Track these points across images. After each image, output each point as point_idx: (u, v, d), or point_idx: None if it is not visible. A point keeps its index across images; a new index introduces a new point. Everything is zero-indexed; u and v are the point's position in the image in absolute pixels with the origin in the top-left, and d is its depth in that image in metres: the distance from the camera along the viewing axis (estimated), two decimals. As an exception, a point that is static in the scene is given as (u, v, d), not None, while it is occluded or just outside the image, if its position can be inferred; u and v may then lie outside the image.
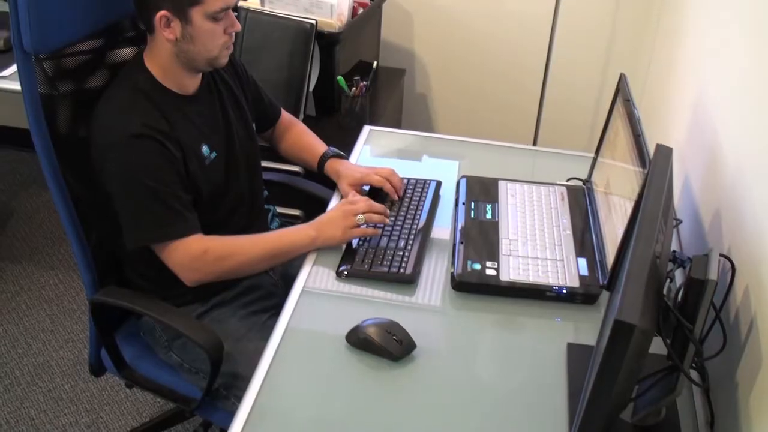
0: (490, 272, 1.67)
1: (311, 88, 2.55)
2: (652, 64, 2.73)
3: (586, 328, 1.60)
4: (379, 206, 1.80)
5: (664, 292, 1.28)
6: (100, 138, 1.68)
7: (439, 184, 2.00)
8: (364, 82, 2.56)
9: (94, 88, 1.80)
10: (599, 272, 1.67)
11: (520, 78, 3.13)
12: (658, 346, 1.24)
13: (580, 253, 1.75)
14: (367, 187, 1.97)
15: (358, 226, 1.75)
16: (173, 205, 1.66)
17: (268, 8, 2.56)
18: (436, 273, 1.73)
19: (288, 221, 2.15)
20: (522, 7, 2.98)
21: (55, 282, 3.04)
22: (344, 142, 2.21)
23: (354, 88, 2.56)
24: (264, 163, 2.08)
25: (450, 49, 3.15)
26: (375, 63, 2.79)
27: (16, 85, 2.46)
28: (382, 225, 1.80)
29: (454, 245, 1.78)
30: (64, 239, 3.24)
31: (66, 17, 1.67)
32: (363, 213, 1.75)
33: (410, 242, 1.77)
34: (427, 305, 1.64)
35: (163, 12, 1.65)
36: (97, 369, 2.02)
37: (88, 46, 1.78)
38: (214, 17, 1.67)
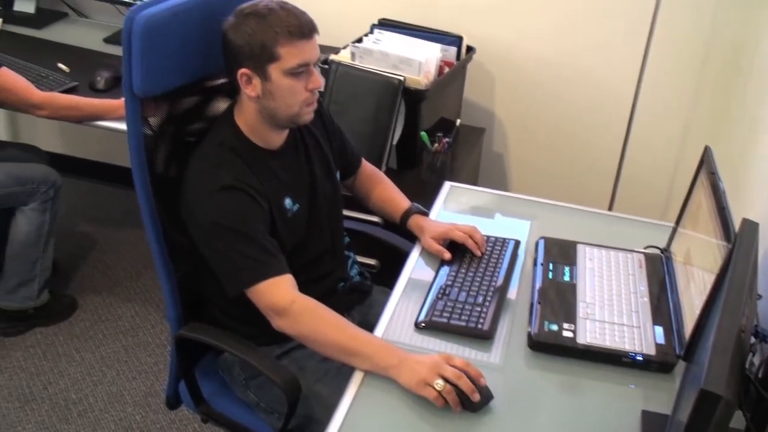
0: (566, 334, 1.69)
1: (395, 142, 2.61)
2: (732, 136, 2.74)
3: (660, 396, 1.60)
4: (470, 380, 1.54)
5: (746, 365, 1.29)
6: (192, 191, 1.76)
7: (517, 243, 2.03)
8: (447, 139, 2.62)
9: (190, 133, 1.90)
10: (676, 341, 1.68)
11: (598, 143, 3.16)
12: (737, 420, 1.25)
13: (656, 321, 1.75)
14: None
15: (436, 388, 1.53)
16: (265, 247, 1.72)
17: (358, 63, 2.64)
18: (512, 331, 1.75)
19: (364, 270, 2.20)
20: (606, 74, 3.01)
21: (131, 314, 3.13)
22: (423, 196, 2.26)
23: (436, 144, 2.61)
24: (344, 211, 2.13)
25: (530, 110, 3.19)
26: (458, 121, 2.85)
27: (116, 125, 2.61)
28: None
29: (532, 305, 1.80)
30: (142, 273, 3.35)
31: (173, 64, 1.77)
32: (450, 379, 1.53)
33: (488, 299, 1.80)
34: (502, 362, 1.66)
35: (244, 69, 1.73)
36: (173, 402, 2.08)
37: (189, 93, 1.88)
38: (293, 74, 1.73)
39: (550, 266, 1.92)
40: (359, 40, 2.78)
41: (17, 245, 2.80)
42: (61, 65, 2.92)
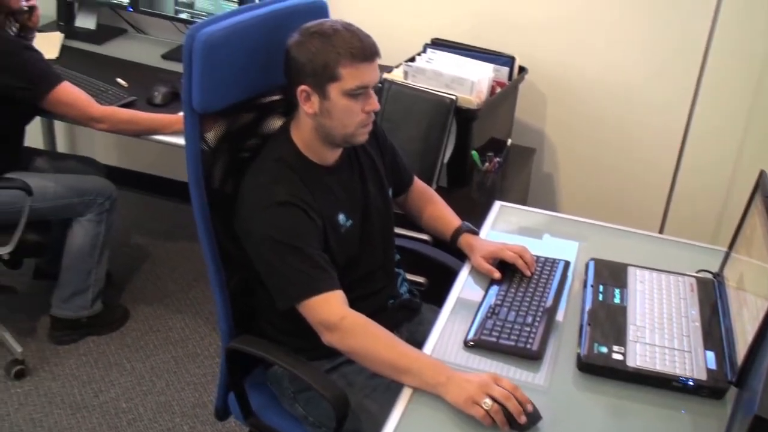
0: (616, 356, 1.68)
1: (446, 160, 2.63)
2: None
3: (710, 423, 1.59)
4: (519, 402, 1.53)
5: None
6: (247, 205, 1.80)
7: (567, 264, 2.03)
8: (498, 159, 2.63)
9: (246, 149, 1.93)
10: (727, 367, 1.66)
11: (650, 164, 3.14)
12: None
13: (707, 346, 1.74)
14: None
15: (483, 407, 1.53)
16: (318, 262, 1.75)
17: (411, 81, 2.66)
18: (561, 352, 1.75)
19: (413, 287, 2.21)
20: (659, 95, 3.00)
21: (182, 326, 3.17)
22: (472, 214, 2.27)
23: (487, 164, 2.62)
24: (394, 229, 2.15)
25: (581, 131, 3.18)
26: (509, 141, 2.86)
27: (171, 139, 2.66)
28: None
29: (581, 326, 1.79)
30: (193, 286, 3.40)
31: (231, 81, 1.81)
32: (499, 399, 1.53)
33: (537, 319, 1.80)
34: (550, 383, 1.66)
35: (304, 86, 1.77)
36: (222, 413, 2.11)
37: (246, 109, 1.92)
38: (351, 95, 1.76)
39: (600, 288, 1.91)
40: (412, 59, 2.81)
41: (73, 255, 2.87)
42: (119, 80, 2.98)
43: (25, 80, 2.51)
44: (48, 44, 3.07)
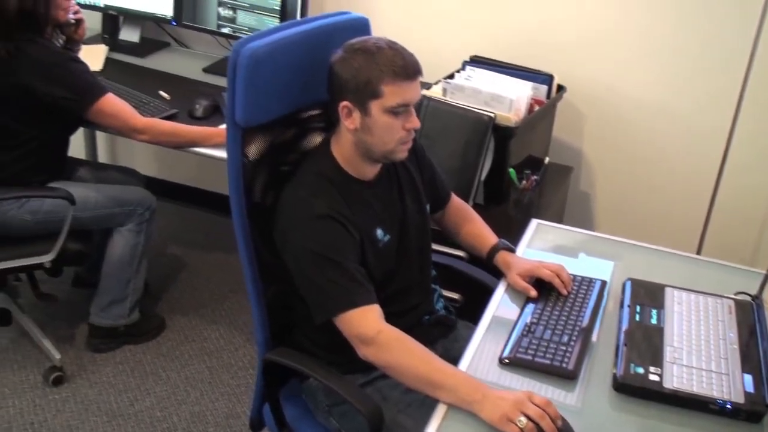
0: (653, 377, 1.67)
1: (483, 177, 2.63)
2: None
3: (748, 446, 1.58)
4: (552, 421, 1.54)
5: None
6: (287, 218, 1.82)
7: (604, 283, 2.02)
8: (535, 177, 2.63)
9: (286, 162, 1.95)
10: (766, 391, 1.65)
11: (688, 185, 3.12)
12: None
13: (745, 368, 1.72)
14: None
15: (518, 425, 1.53)
16: (355, 276, 1.76)
17: (449, 98, 2.68)
18: (597, 372, 1.74)
19: (448, 304, 2.21)
20: (698, 116, 2.98)
21: (216, 336, 3.20)
22: (509, 232, 2.27)
23: (524, 181, 2.62)
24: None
25: (619, 150, 3.17)
26: (546, 159, 2.86)
27: (211, 152, 2.70)
28: None
29: (617, 346, 1.79)
30: (228, 297, 3.42)
31: (274, 96, 1.83)
32: (533, 418, 1.52)
33: (573, 338, 1.80)
34: (585, 402, 1.65)
35: (345, 102, 1.79)
36: (256, 424, 2.13)
37: (287, 124, 1.94)
38: (392, 112, 1.78)
39: (637, 308, 1.91)
40: (451, 76, 2.83)
41: (113, 264, 2.91)
42: (162, 93, 3.03)
43: (71, 91, 2.56)
44: (93, 56, 3.12)
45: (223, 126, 2.70)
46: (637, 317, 1.88)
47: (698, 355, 1.76)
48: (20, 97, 2.56)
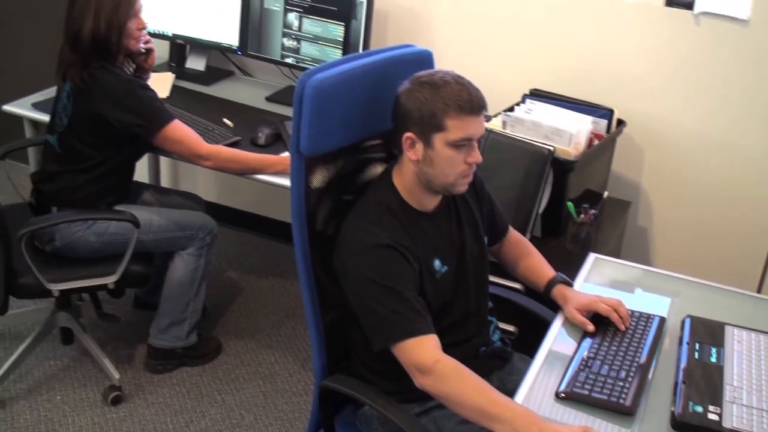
0: (712, 417, 1.65)
1: (541, 210, 2.64)
2: None
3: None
4: None
5: None
6: (348, 246, 1.85)
7: (662, 320, 2.01)
8: (593, 211, 2.62)
9: (349, 192, 1.99)
10: (829, 435, 1.62)
11: (749, 222, 3.08)
12: None
13: (808, 411, 1.70)
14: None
15: None
16: (414, 306, 1.78)
17: (509, 131, 2.69)
18: (654, 409, 1.73)
19: (504, 336, 2.22)
20: (760, 153, 2.95)
21: (271, 361, 3.23)
22: (566, 265, 2.27)
23: (582, 215, 2.62)
24: (488, 277, 2.17)
25: (678, 185, 3.15)
26: (605, 193, 2.85)
27: (273, 179, 2.75)
28: None
29: (676, 384, 1.77)
30: (284, 322, 3.46)
31: (338, 126, 1.88)
32: None
33: (631, 374, 1.79)
34: (643, 440, 1.65)
35: (409, 133, 1.82)
36: (311, 450, 2.15)
37: (350, 153, 1.98)
38: (455, 145, 1.80)
39: (697, 346, 1.89)
40: (511, 109, 2.84)
41: (173, 287, 2.96)
42: (226, 120, 3.09)
43: (140, 117, 2.63)
44: (160, 84, 3.20)
45: (285, 154, 2.77)
46: (696, 355, 1.86)
47: (759, 395, 1.73)
48: (92, 123, 2.65)
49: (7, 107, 3.14)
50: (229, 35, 3.43)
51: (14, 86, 3.32)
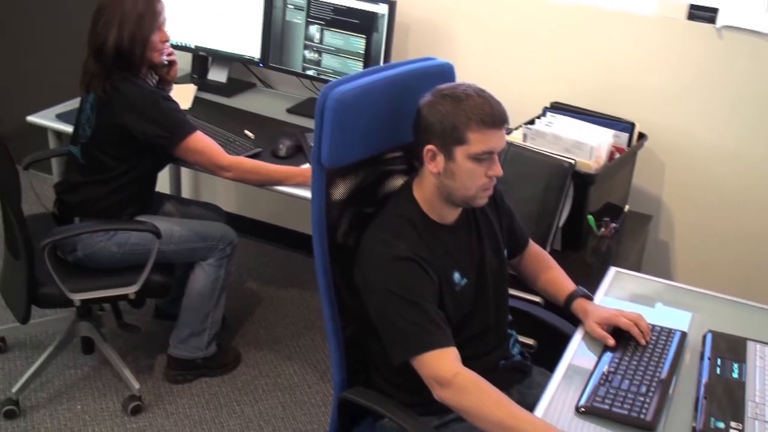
0: (734, 433, 1.65)
1: (561, 223, 2.63)
2: None
3: None
4: None
5: None
6: (368, 258, 1.85)
7: (684, 335, 2.00)
8: (614, 224, 2.62)
9: (369, 204, 1.99)
10: None
11: (771, 238, 3.07)
12: None
13: (831, 428, 1.68)
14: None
15: None
16: (434, 318, 1.78)
17: (530, 144, 2.69)
18: (675, 424, 1.72)
19: (524, 350, 2.21)
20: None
21: (290, 372, 3.23)
22: (586, 279, 2.26)
23: (603, 229, 2.61)
24: (507, 290, 2.16)
25: (699, 200, 3.14)
26: (626, 207, 2.84)
27: (293, 190, 2.76)
28: None
29: (697, 399, 1.76)
30: (302, 333, 3.46)
31: (359, 138, 1.88)
32: None
33: (652, 389, 1.78)
34: (664, 455, 1.64)
35: (430, 146, 1.82)
36: (329, 461, 2.15)
37: (370, 166, 1.99)
38: (476, 159, 1.81)
39: (718, 361, 1.88)
40: (531, 122, 2.84)
41: (193, 297, 2.97)
42: (247, 132, 3.11)
43: (162, 128, 2.65)
44: (182, 95, 3.22)
45: (306, 166, 2.78)
46: (718, 370, 1.85)
47: (781, 412, 1.72)
48: (115, 134, 2.67)
49: (31, 118, 3.18)
50: (251, 47, 3.45)
51: (39, 97, 3.36)
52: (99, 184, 2.75)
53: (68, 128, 2.99)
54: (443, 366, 1.75)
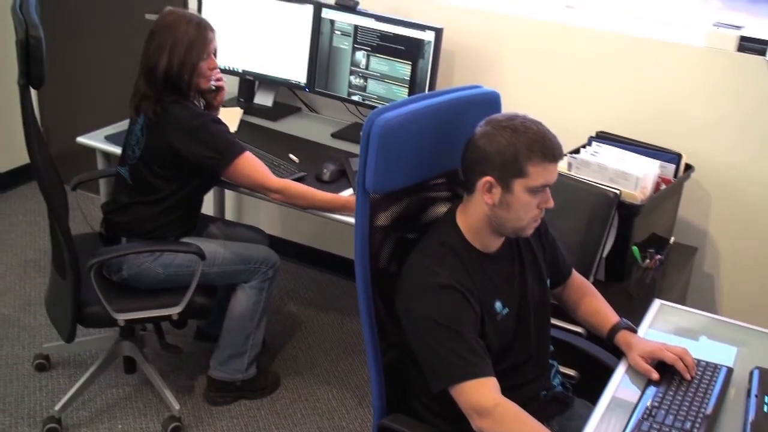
0: (781, 473, 1.61)
1: (605, 254, 2.61)
2: None
3: None
4: None
5: None
6: (410, 285, 1.86)
7: (730, 371, 1.96)
8: (659, 256, 2.59)
9: (412, 231, 2.00)
10: None
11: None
12: None
13: None
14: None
15: None
16: (474, 347, 1.77)
17: (574, 173, 2.68)
18: (720, 462, 1.69)
19: (565, 381, 2.19)
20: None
21: (329, 397, 3.23)
22: (629, 310, 2.24)
23: (648, 260, 2.59)
24: (550, 320, 2.15)
25: (746, 233, 3.09)
26: (671, 238, 2.81)
27: (339, 216, 2.76)
28: None
29: (743, 437, 1.73)
30: (342, 358, 3.46)
31: (403, 166, 1.89)
32: None
33: (697, 425, 1.75)
34: (709, 494, 1.60)
35: (488, 178, 1.81)
36: (367, 489, 2.14)
37: (414, 193, 1.99)
38: (533, 191, 1.81)
39: (765, 399, 1.84)
40: (576, 151, 2.83)
41: (234, 319, 2.99)
42: (291, 156, 3.13)
43: (212, 150, 2.68)
44: (229, 118, 3.25)
45: (350, 192, 2.79)
46: (766, 408, 1.81)
47: (831, 452, 1.68)
48: (164, 156, 2.71)
49: (81, 139, 3.24)
50: (297, 72, 3.49)
51: (88, 119, 3.42)
52: (146, 205, 2.79)
53: (116, 149, 3.04)
54: (483, 396, 1.74)
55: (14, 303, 3.64)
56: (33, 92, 2.63)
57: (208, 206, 3.70)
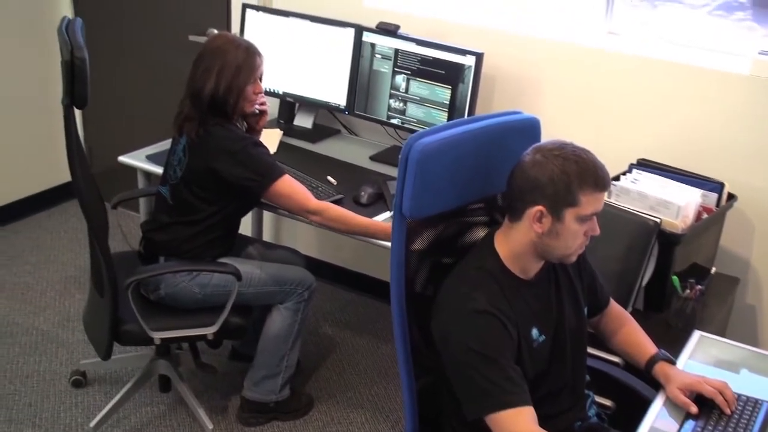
0: None
1: (644, 283, 2.58)
2: None
3: None
4: None
5: None
6: (446, 311, 1.84)
7: (771, 406, 1.93)
8: (700, 286, 2.55)
9: (449, 256, 1.98)
10: None
11: None
12: None
13: None
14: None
15: None
16: (511, 376, 1.76)
17: (614, 201, 2.66)
18: (760, 500, 1.65)
19: (601, 411, 2.16)
20: None
21: (362, 421, 3.22)
22: (668, 341, 2.21)
23: (688, 290, 2.55)
24: (587, 349, 2.12)
25: (790, 264, 3.05)
26: (713, 269, 2.77)
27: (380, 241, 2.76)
28: None
29: (784, 475, 1.69)
30: (375, 382, 3.44)
31: (440, 191, 1.88)
32: None
33: (736, 461, 1.72)
34: None
35: (539, 207, 1.80)
36: None
37: (450, 218, 1.98)
38: (583, 219, 1.80)
39: (808, 436, 1.80)
40: (617, 179, 2.80)
41: (269, 340, 2.99)
42: (329, 178, 3.14)
43: (253, 172, 2.70)
44: (269, 140, 3.27)
45: (388, 216, 2.79)
46: (808, 445, 1.77)
47: None
48: (205, 177, 2.73)
49: (122, 158, 3.28)
50: (338, 95, 3.50)
51: (130, 139, 3.46)
52: (186, 225, 2.81)
53: (157, 169, 3.07)
54: (519, 425, 1.72)
55: (53, 319, 3.68)
56: (77, 112, 2.66)
57: (246, 227, 3.72)
